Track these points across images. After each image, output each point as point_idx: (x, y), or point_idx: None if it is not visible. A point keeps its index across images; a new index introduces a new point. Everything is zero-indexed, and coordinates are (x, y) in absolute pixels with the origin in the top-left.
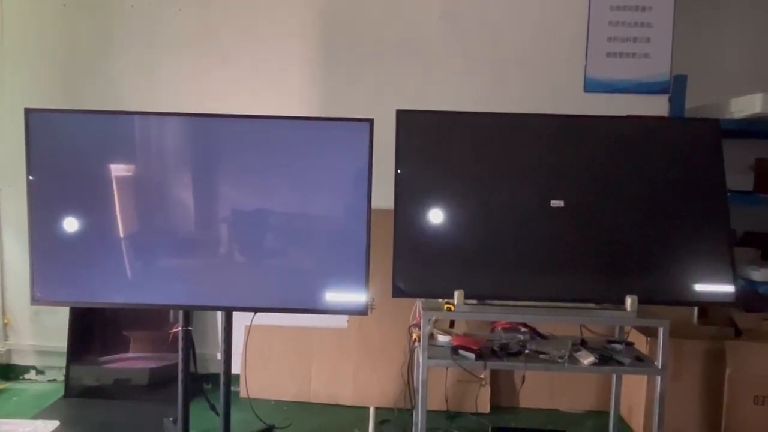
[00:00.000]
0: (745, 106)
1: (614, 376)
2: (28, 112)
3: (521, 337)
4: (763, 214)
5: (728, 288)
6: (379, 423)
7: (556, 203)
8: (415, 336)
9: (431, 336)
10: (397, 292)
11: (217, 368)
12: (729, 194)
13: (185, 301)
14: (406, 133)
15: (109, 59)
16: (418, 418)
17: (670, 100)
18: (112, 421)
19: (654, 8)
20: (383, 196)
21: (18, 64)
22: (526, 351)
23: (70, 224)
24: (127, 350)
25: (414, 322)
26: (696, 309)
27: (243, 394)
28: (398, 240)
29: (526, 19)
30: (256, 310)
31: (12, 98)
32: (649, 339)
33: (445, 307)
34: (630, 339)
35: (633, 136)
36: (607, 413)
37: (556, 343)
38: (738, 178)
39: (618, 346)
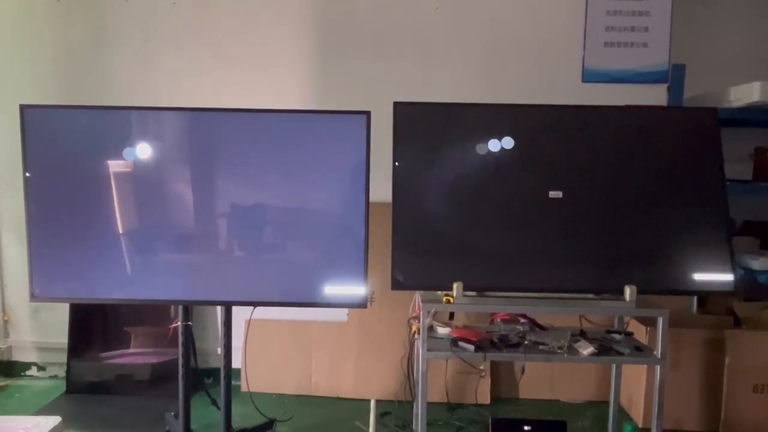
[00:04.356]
0: (743, 94)
1: (614, 366)
2: (24, 108)
3: (520, 328)
4: (762, 203)
5: (727, 277)
6: (380, 415)
7: (554, 194)
8: (414, 328)
9: (431, 328)
10: (396, 285)
11: (218, 363)
12: (728, 183)
13: (185, 296)
14: (403, 125)
15: (104, 54)
16: (419, 410)
17: (669, 89)
18: (114, 416)
19: None
20: (381, 189)
21: (12, 60)
22: (526, 342)
23: (68, 220)
24: (128, 346)
25: (413, 315)
26: (695, 298)
27: (244, 388)
28: (397, 232)
29: (524, 9)
30: (255, 304)
31: (7, 94)
32: (648, 329)
33: (445, 299)
34: (629, 329)
35: (631, 126)
36: (607, 403)
37: (556, 334)
38: (737, 167)
39: (617, 336)
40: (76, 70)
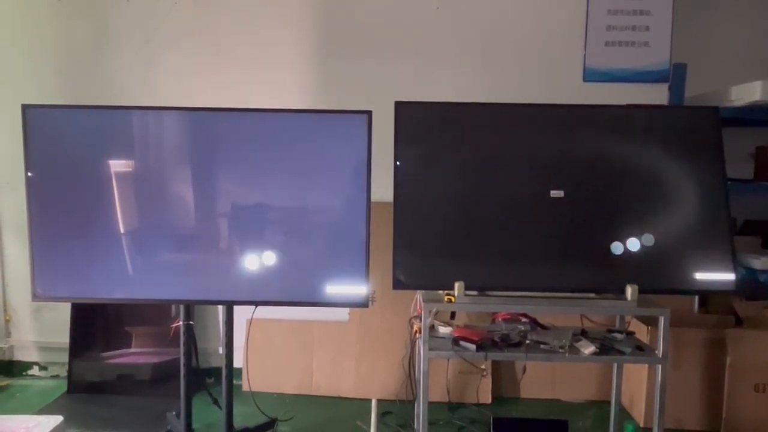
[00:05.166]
0: (745, 93)
1: (615, 366)
2: (26, 107)
3: (522, 327)
4: (763, 202)
5: (729, 276)
6: (381, 415)
7: (555, 193)
8: (415, 328)
9: (432, 328)
10: (398, 284)
11: (219, 362)
12: (729, 183)
13: (186, 295)
14: (404, 124)
15: (105, 54)
16: (420, 409)
17: (670, 88)
18: (116, 416)
19: None
20: (383, 189)
21: (14, 60)
22: (527, 341)
23: (70, 220)
24: (129, 345)
25: (415, 314)
26: (696, 298)
27: (245, 387)
28: (398, 232)
29: (525, 8)
30: (256, 303)
31: (8, 94)
32: (649, 328)
33: (446, 299)
34: (630, 328)
35: (632, 125)
36: (609, 402)
37: (557, 334)
38: (738, 166)
39: (619, 336)
40: (78, 70)
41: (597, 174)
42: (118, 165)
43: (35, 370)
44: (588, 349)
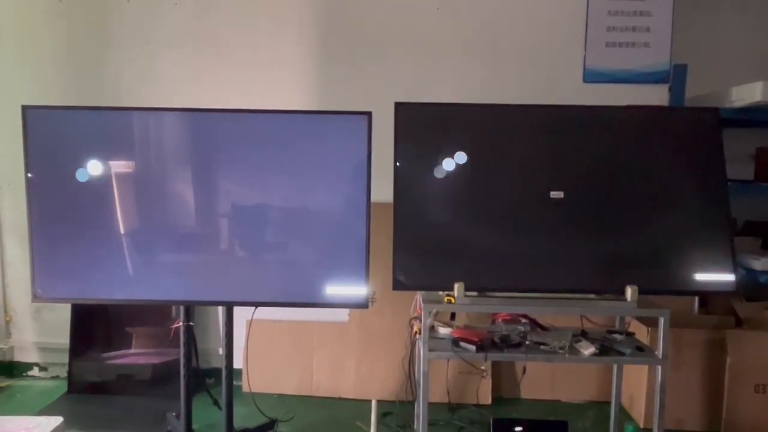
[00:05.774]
0: (745, 94)
1: (615, 367)
2: (26, 108)
3: (522, 328)
4: (763, 203)
5: (729, 277)
6: (381, 415)
7: (555, 194)
8: (415, 329)
9: (432, 328)
10: (398, 285)
11: (219, 363)
12: (729, 183)
13: (186, 296)
14: (404, 125)
15: (106, 54)
16: (420, 410)
17: (670, 89)
18: (116, 416)
19: None
20: (382, 189)
21: (14, 61)
22: (527, 342)
23: (70, 221)
24: (129, 346)
25: (414, 315)
26: (697, 299)
27: (245, 388)
28: (398, 233)
29: (525, 9)
30: (256, 304)
31: (9, 95)
32: (649, 329)
33: (446, 300)
34: (630, 329)
35: (633, 126)
36: (609, 403)
37: (557, 334)
38: (738, 167)
39: (618, 337)
40: (78, 71)
41: (597, 175)
42: (118, 166)
43: (35, 371)
44: (588, 349)
